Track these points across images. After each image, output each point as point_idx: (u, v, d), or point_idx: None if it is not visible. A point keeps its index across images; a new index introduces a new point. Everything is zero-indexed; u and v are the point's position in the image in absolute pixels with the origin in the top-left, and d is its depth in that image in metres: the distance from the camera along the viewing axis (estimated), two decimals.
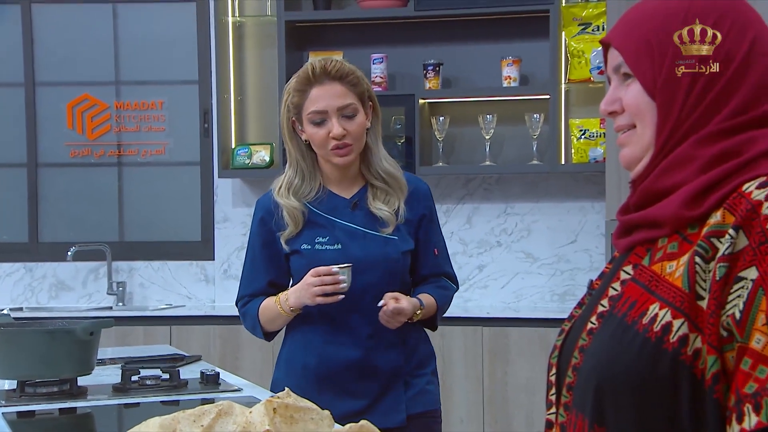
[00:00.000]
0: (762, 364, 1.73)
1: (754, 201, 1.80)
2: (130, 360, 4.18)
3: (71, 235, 8.43)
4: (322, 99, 3.57)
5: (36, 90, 8.53)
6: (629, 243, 2.04)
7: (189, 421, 2.38)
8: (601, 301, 2.03)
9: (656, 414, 1.85)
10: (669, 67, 1.95)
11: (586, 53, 7.55)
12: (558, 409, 2.09)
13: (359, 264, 3.59)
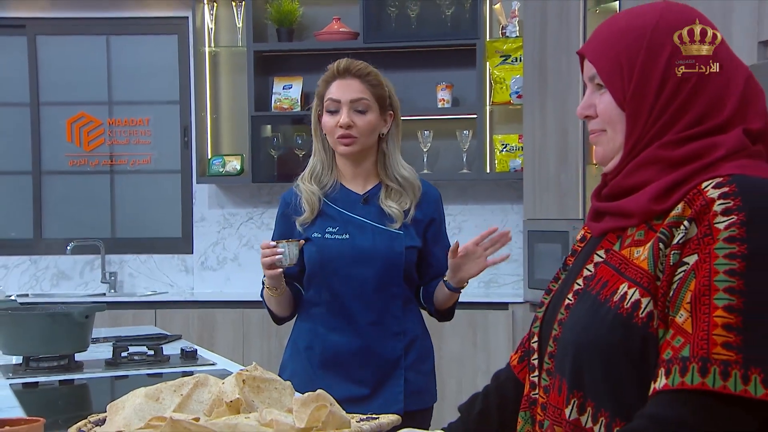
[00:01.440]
0: (679, 335, 1.77)
1: (708, 198, 1.82)
2: (120, 339, 4.16)
3: (70, 232, 8.45)
4: (339, 90, 3.49)
5: (40, 109, 8.54)
6: (602, 230, 2.05)
7: (170, 391, 2.39)
8: (577, 280, 2.04)
9: (628, 379, 1.86)
10: (637, 82, 1.94)
11: (506, 80, 7.65)
12: (541, 374, 2.10)
13: (365, 254, 3.48)
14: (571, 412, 1.94)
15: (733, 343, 1.71)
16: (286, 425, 2.24)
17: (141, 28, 8.43)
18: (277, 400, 2.42)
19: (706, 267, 1.77)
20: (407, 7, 7.73)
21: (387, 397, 3.41)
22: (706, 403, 1.72)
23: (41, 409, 2.79)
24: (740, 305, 1.73)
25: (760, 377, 1.69)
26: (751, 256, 1.76)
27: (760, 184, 1.84)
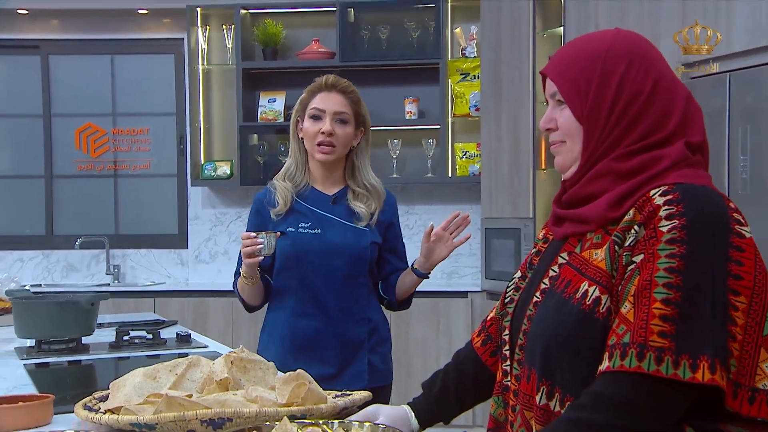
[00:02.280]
0: (623, 323, 1.79)
1: (655, 205, 1.85)
2: (123, 324, 4.15)
3: (78, 229, 8.41)
4: (324, 101, 3.48)
5: (51, 120, 8.52)
6: (564, 234, 2.06)
7: (166, 371, 2.41)
8: (543, 280, 2.05)
9: (591, 367, 1.85)
10: (593, 100, 1.95)
11: (466, 95, 7.67)
12: (512, 363, 2.09)
13: (336, 247, 3.46)
14: (541, 398, 1.94)
15: (668, 332, 1.73)
16: (270, 401, 2.26)
17: (141, 48, 8.39)
18: (261, 379, 2.43)
19: (650, 265, 1.79)
20: (378, 30, 7.75)
21: (352, 375, 3.39)
22: (642, 384, 1.74)
23: (51, 387, 2.77)
24: (677, 299, 1.75)
25: (688, 363, 1.71)
26: (689, 255, 1.78)
27: (701, 191, 1.85)
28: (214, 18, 8.04)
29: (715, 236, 1.81)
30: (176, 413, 2.14)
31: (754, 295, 1.81)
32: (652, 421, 1.77)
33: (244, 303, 3.64)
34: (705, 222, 1.81)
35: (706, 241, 1.79)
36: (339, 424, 2.13)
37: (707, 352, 1.73)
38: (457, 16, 7.74)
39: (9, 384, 3.04)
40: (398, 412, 2.26)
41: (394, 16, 7.80)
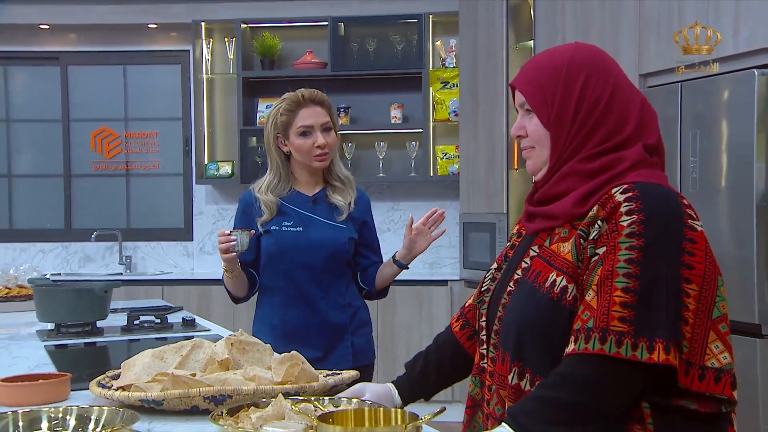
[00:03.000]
0: (587, 310, 1.81)
1: (617, 201, 1.87)
2: (134, 309, 4.11)
3: (94, 223, 8.39)
4: (310, 117, 3.43)
5: (70, 124, 8.49)
6: (535, 229, 2.06)
7: (172, 352, 2.43)
8: (516, 271, 2.05)
9: (559, 350, 1.86)
10: (558, 108, 1.96)
11: (446, 102, 7.67)
12: (488, 347, 2.09)
13: (316, 244, 3.43)
14: (513, 378, 1.95)
15: (627, 317, 1.75)
16: (266, 380, 2.28)
17: (151, 59, 8.37)
18: (259, 360, 2.44)
19: (612, 256, 1.81)
20: (366, 42, 7.75)
21: (337, 358, 3.37)
22: (604, 365, 1.76)
23: (69, 366, 2.76)
24: (635, 287, 1.77)
25: (646, 345, 1.73)
26: (646, 248, 1.79)
27: (657, 190, 1.87)
28: (216, 31, 8.02)
29: (669, 230, 1.82)
30: (181, 390, 2.16)
31: (704, 282, 1.83)
32: (612, 399, 1.78)
33: (230, 294, 3.62)
34: (660, 217, 1.83)
35: (662, 234, 1.81)
36: (329, 401, 2.14)
37: (662, 336, 1.75)
38: (438, 30, 7.73)
39: (31, 363, 3.05)
40: (383, 389, 2.27)
41: (381, 30, 7.79)
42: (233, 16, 7.82)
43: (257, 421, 1.96)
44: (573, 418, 1.78)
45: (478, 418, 2.14)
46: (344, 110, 7.66)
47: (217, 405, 2.16)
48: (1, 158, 8.53)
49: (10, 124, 8.53)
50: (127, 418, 1.98)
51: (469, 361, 2.23)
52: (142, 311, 4.06)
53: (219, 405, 2.15)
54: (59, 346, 3.49)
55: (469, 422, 2.18)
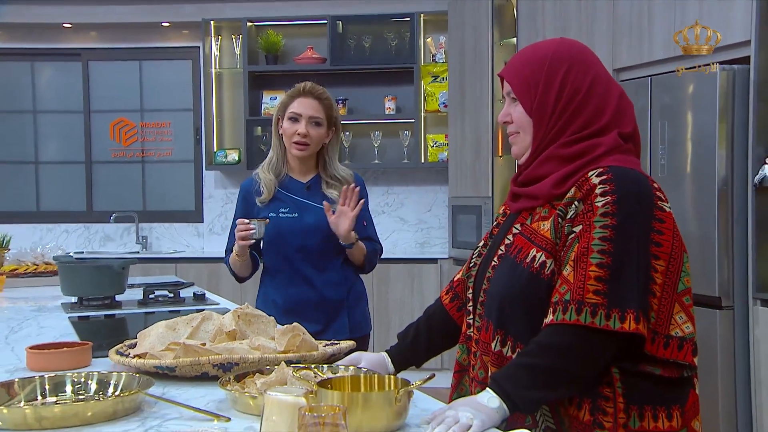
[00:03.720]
0: (564, 284, 1.83)
1: (592, 184, 1.88)
2: (149, 285, 4.12)
3: (113, 206, 8.39)
4: (302, 105, 3.40)
5: (90, 115, 8.48)
6: (518, 208, 2.07)
7: (184, 324, 2.44)
8: (500, 247, 2.06)
9: (537, 319, 1.88)
10: (540, 97, 1.97)
11: (436, 94, 7.64)
12: (474, 317, 2.10)
13: (311, 228, 3.40)
14: (496, 345, 1.96)
15: (601, 290, 1.78)
16: (270, 349, 2.28)
17: (164, 55, 8.35)
18: (263, 331, 2.44)
19: (587, 234, 1.83)
20: (363, 39, 7.72)
21: (335, 330, 3.35)
22: (579, 334, 1.78)
23: (90, 336, 2.77)
24: (608, 263, 1.79)
25: (618, 315, 1.76)
26: (619, 227, 1.81)
27: (630, 173, 1.89)
28: (224, 29, 7.99)
29: (640, 210, 1.85)
30: (192, 358, 2.17)
31: (671, 259, 1.86)
32: (586, 364, 1.81)
33: (234, 275, 3.60)
34: (632, 198, 1.84)
35: (633, 214, 1.83)
36: (328, 368, 2.15)
37: (633, 307, 1.78)
38: (429, 28, 7.71)
39: (56, 333, 3.06)
40: (377, 357, 2.28)
41: (376, 28, 7.77)
42: (240, 15, 7.81)
43: (262, 386, 1.97)
44: (551, 383, 1.81)
45: (465, 382, 2.15)
46: (342, 102, 7.64)
47: (225, 372, 2.17)
48: (29, 146, 8.53)
49: (36, 115, 8.52)
50: (143, 383, 1.99)
51: (457, 331, 2.24)
52: (156, 286, 4.07)
53: (227, 372, 2.16)
54: (82, 317, 3.50)
55: (456, 386, 2.19)
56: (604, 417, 1.84)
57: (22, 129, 8.52)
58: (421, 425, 1.76)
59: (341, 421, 1.43)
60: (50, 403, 1.96)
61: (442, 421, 1.71)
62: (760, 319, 4.25)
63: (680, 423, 1.91)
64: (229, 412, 1.88)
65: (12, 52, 8.42)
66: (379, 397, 1.74)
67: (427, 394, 2.04)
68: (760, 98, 4.27)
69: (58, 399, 2.00)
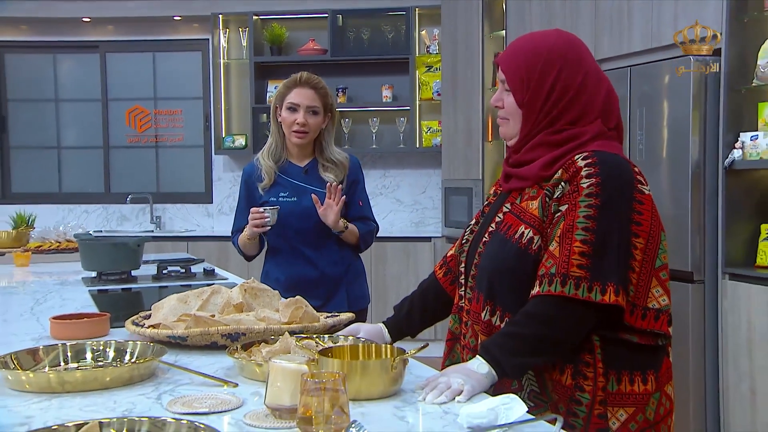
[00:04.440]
0: (550, 258, 1.85)
1: (578, 166, 1.89)
2: (162, 261, 4.12)
3: (129, 188, 8.39)
4: (299, 96, 3.36)
5: (108, 103, 8.47)
6: (508, 188, 2.07)
7: (194, 296, 2.44)
8: (491, 224, 2.07)
9: (525, 291, 1.89)
10: (531, 93, 1.97)
11: (430, 83, 7.61)
12: (466, 289, 2.11)
13: (309, 211, 3.37)
14: (485, 315, 1.98)
15: (584, 265, 1.79)
16: (274, 320, 2.30)
17: (176, 47, 8.33)
18: (268, 303, 2.45)
19: (572, 213, 1.84)
20: (361, 31, 7.71)
21: (335, 305, 3.33)
22: (564, 304, 1.80)
23: (109, 308, 2.78)
24: (592, 240, 1.81)
25: (599, 288, 1.78)
26: (602, 206, 1.83)
27: (613, 158, 1.90)
28: (232, 23, 7.96)
29: (622, 192, 1.86)
30: (202, 329, 2.18)
31: (649, 237, 1.88)
32: (570, 332, 1.83)
33: (243, 254, 3.58)
34: (614, 181, 1.86)
35: (615, 195, 1.84)
36: (329, 338, 2.17)
37: (613, 281, 1.80)
38: (423, 21, 7.69)
39: (77, 305, 3.08)
40: (375, 328, 2.29)
41: (374, 21, 7.75)
42: (246, 9, 7.78)
43: (267, 354, 1.98)
44: (536, 350, 1.83)
45: (456, 350, 2.16)
46: (342, 90, 7.62)
47: (232, 341, 2.18)
48: (51, 132, 8.53)
49: (58, 103, 8.51)
50: (157, 351, 2.01)
51: (450, 303, 2.24)
52: (169, 262, 4.08)
53: (234, 341, 2.17)
54: (101, 290, 3.51)
55: (448, 353, 2.20)
56: (585, 381, 1.86)
57: (45, 116, 8.53)
58: (416, 390, 1.77)
59: (341, 387, 1.45)
60: (72, 368, 1.97)
61: (435, 387, 1.73)
62: (728, 291, 4.27)
63: (654, 387, 1.94)
64: (237, 379, 1.89)
65: (35, 45, 8.42)
66: (376, 364, 1.75)
67: (421, 362, 2.05)
68: (730, 88, 4.28)
69: (79, 365, 2.01)
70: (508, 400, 1.55)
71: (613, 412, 1.87)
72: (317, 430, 1.42)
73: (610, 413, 1.87)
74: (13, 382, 1.82)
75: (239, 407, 1.67)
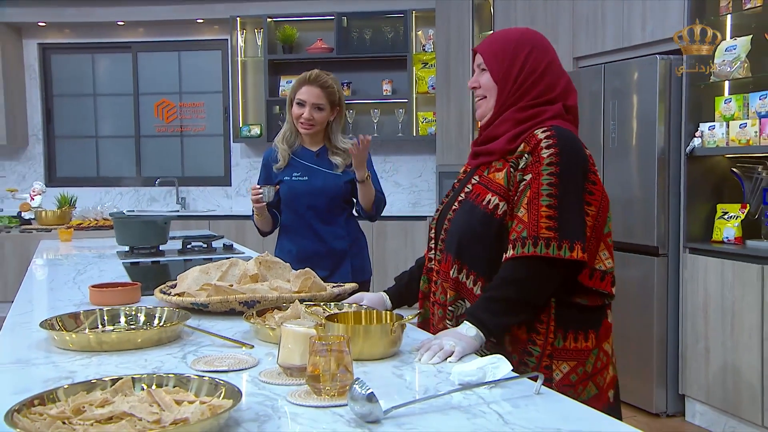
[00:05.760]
0: (520, 223, 1.86)
1: (538, 139, 1.91)
2: (187, 237, 4.14)
3: (157, 172, 8.41)
4: (306, 93, 3.32)
5: (139, 97, 8.46)
6: (477, 164, 2.09)
7: (215, 268, 2.45)
8: (461, 194, 2.08)
9: (490, 252, 1.93)
10: (506, 68, 2.00)
11: (425, 78, 7.59)
12: (436, 252, 2.11)
13: (318, 189, 3.36)
14: (454, 273, 2.00)
15: (552, 227, 1.82)
16: (286, 289, 2.30)
17: (199, 46, 8.30)
18: (280, 275, 2.45)
19: (536, 181, 1.86)
20: (364, 32, 7.68)
21: (340, 276, 3.31)
22: (536, 264, 1.83)
23: (140, 278, 2.80)
24: (555, 204, 1.83)
25: (567, 246, 1.81)
26: (561, 174, 1.86)
27: (569, 133, 1.94)
28: (248, 25, 7.92)
29: (577, 163, 1.90)
30: (222, 297, 2.19)
31: (600, 207, 1.93)
32: (541, 291, 1.86)
33: (258, 230, 3.54)
34: (571, 152, 1.89)
35: (572, 165, 1.88)
36: (334, 305, 2.15)
37: (578, 239, 1.83)
38: (419, 23, 7.65)
39: (112, 275, 3.10)
40: (377, 296, 2.29)
41: (375, 23, 7.72)
42: (261, 12, 7.76)
43: (279, 319, 1.99)
44: (515, 310, 1.85)
45: (426, 306, 2.17)
46: (347, 85, 7.61)
47: (248, 308, 2.18)
48: (90, 123, 8.53)
49: (96, 98, 8.52)
50: (182, 316, 2.01)
51: None
52: (193, 239, 4.10)
53: (250, 308, 2.17)
54: (133, 263, 3.52)
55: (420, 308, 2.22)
56: (537, 336, 1.91)
57: (84, 109, 8.53)
58: (412, 352, 1.78)
59: (345, 348, 1.45)
60: (108, 330, 1.99)
61: (429, 348, 1.73)
62: (688, 263, 4.28)
63: (594, 344, 1.96)
64: (253, 341, 1.90)
65: (76, 47, 8.44)
66: (377, 328, 1.76)
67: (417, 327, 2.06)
68: (691, 83, 4.29)
69: (114, 328, 2.02)
70: (495, 360, 1.55)
71: (558, 365, 1.91)
72: (324, 386, 1.42)
73: (555, 366, 1.90)
74: (59, 341, 1.85)
75: (255, 366, 1.67)
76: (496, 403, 1.41)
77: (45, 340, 1.91)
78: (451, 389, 1.46)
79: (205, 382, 1.38)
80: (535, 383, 1.50)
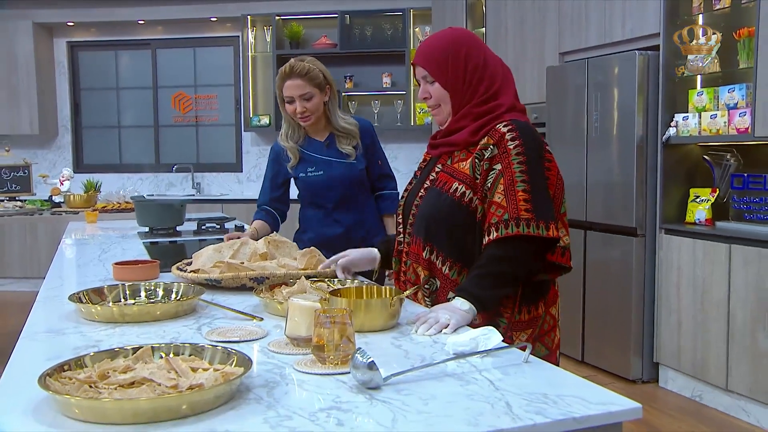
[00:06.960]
0: (499, 208, 1.86)
1: (502, 132, 1.91)
2: (201, 219, 4.16)
3: (175, 159, 8.39)
4: (289, 89, 3.09)
5: (158, 90, 8.44)
6: (438, 153, 2.07)
7: (228, 247, 2.45)
8: (425, 181, 2.07)
9: (456, 236, 1.95)
10: (451, 74, 1.97)
11: None
12: (405, 235, 2.10)
13: (335, 181, 3.17)
14: (426, 254, 2.00)
15: (530, 209, 1.83)
16: (293, 267, 2.31)
17: (212, 43, 8.26)
18: (288, 253, 2.46)
19: (509, 170, 1.86)
20: (365, 29, 7.64)
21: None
22: (519, 242, 1.83)
23: (159, 256, 2.80)
24: (529, 189, 1.85)
25: (544, 225, 1.84)
26: (528, 162, 1.87)
27: (527, 125, 1.94)
28: (258, 22, 7.88)
29: (537, 150, 1.91)
30: (233, 273, 2.19)
31: (556, 188, 1.95)
32: (524, 265, 1.88)
33: None
34: (532, 142, 1.90)
35: (535, 154, 1.89)
36: (338, 281, 2.17)
37: (552, 219, 1.86)
38: (417, 20, 7.61)
39: (134, 253, 3.10)
40: (364, 250, 2.33)
41: (375, 20, 7.67)
42: (270, 11, 7.72)
43: (287, 294, 1.98)
44: (503, 283, 1.86)
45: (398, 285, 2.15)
46: (349, 77, 7.58)
47: (258, 284, 2.18)
48: (113, 114, 8.53)
49: (118, 91, 8.51)
50: (197, 291, 2.01)
51: None
52: (207, 220, 4.10)
53: (260, 284, 2.18)
54: (152, 242, 3.53)
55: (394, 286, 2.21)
56: (504, 310, 1.93)
57: (108, 101, 8.52)
58: (410, 324, 1.78)
59: (348, 320, 1.45)
60: (130, 304, 1.99)
61: (425, 321, 1.73)
62: (663, 244, 4.27)
63: (543, 310, 2.00)
64: (262, 314, 1.90)
65: (100, 44, 8.44)
66: (377, 302, 1.75)
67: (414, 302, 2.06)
68: (667, 77, 4.27)
69: (135, 301, 2.03)
70: (486, 331, 1.55)
71: (517, 335, 1.95)
72: (328, 355, 1.42)
73: (515, 336, 1.94)
74: (85, 313, 1.87)
75: (264, 337, 1.67)
76: (488, 370, 1.41)
77: (74, 312, 1.92)
78: (445, 358, 1.46)
79: (218, 351, 1.38)
80: (523, 353, 1.50)
